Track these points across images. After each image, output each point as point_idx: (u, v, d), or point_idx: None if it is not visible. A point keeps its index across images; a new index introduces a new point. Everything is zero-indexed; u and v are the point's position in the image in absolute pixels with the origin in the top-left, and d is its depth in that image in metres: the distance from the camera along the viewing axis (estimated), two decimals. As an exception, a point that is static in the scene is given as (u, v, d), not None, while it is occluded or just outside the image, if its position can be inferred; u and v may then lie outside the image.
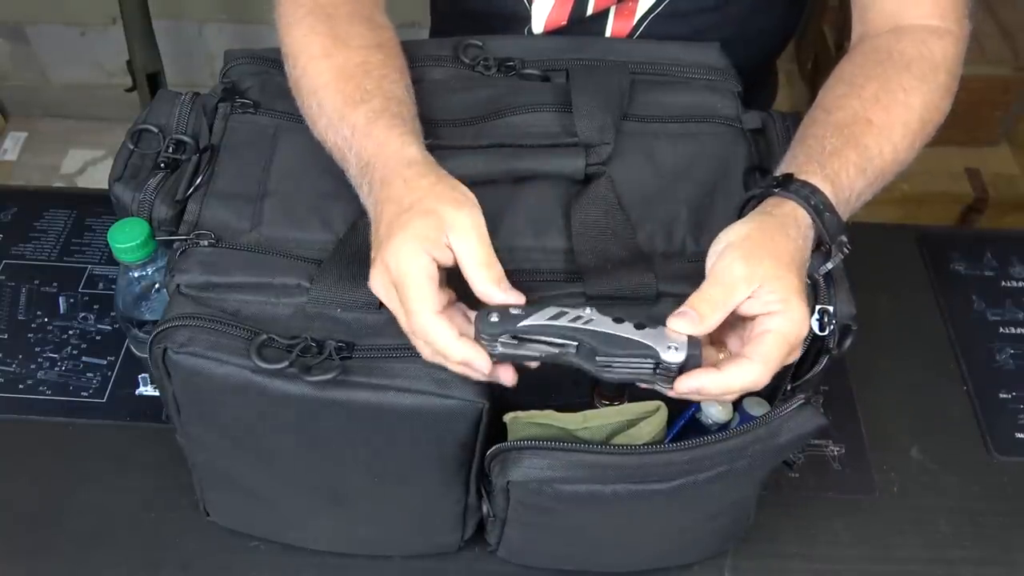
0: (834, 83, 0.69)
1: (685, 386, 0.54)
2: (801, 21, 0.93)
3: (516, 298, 0.55)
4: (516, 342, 0.54)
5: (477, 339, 0.54)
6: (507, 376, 0.57)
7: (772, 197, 0.60)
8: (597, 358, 0.53)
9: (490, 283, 0.54)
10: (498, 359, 0.55)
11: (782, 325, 0.54)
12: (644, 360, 0.53)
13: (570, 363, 0.54)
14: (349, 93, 0.63)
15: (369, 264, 0.60)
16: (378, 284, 0.56)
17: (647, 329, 0.54)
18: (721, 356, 0.58)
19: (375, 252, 0.56)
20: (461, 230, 0.54)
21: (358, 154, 0.60)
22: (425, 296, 0.53)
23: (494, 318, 0.54)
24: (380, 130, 0.60)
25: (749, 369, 0.54)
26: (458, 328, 0.54)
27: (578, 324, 0.54)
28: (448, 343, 0.54)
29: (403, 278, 0.54)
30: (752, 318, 0.56)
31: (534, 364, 0.56)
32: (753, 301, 0.55)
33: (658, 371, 0.54)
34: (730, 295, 0.54)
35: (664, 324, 0.54)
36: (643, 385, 0.57)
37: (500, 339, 0.54)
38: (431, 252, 0.54)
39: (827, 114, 0.65)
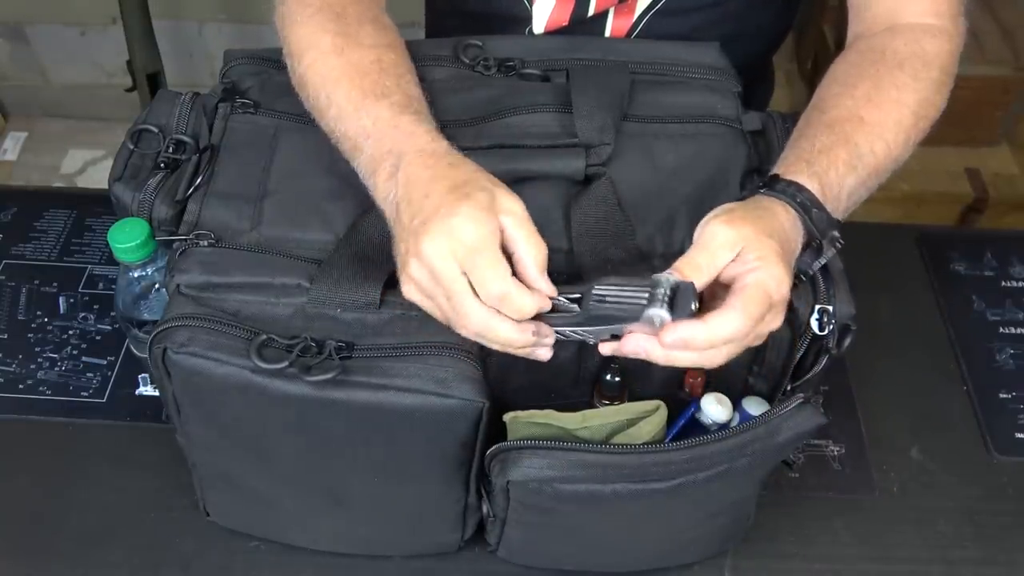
0: (828, 82, 0.70)
1: (672, 336, 0.53)
2: (797, 17, 0.93)
3: (550, 291, 0.56)
4: None
5: None
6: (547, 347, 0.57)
7: (758, 196, 0.61)
8: (593, 291, 0.55)
9: (538, 275, 0.56)
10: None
11: (760, 278, 0.55)
12: (639, 290, 0.54)
13: (573, 332, 0.55)
14: (368, 88, 0.63)
15: (369, 264, 0.60)
16: (438, 248, 0.54)
17: None
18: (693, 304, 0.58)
19: (420, 224, 0.55)
20: (516, 215, 0.56)
21: (378, 141, 0.60)
22: (501, 261, 0.54)
23: None
24: (407, 123, 0.60)
25: (731, 317, 0.54)
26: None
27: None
28: (525, 298, 0.54)
29: (479, 243, 0.54)
30: (732, 281, 0.56)
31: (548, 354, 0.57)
32: (734, 264, 0.56)
33: (651, 296, 0.54)
34: (714, 259, 0.55)
35: None
36: (632, 346, 0.56)
37: None
38: (494, 223, 0.55)
39: (820, 114, 0.66)
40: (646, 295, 0.54)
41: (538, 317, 0.56)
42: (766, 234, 0.56)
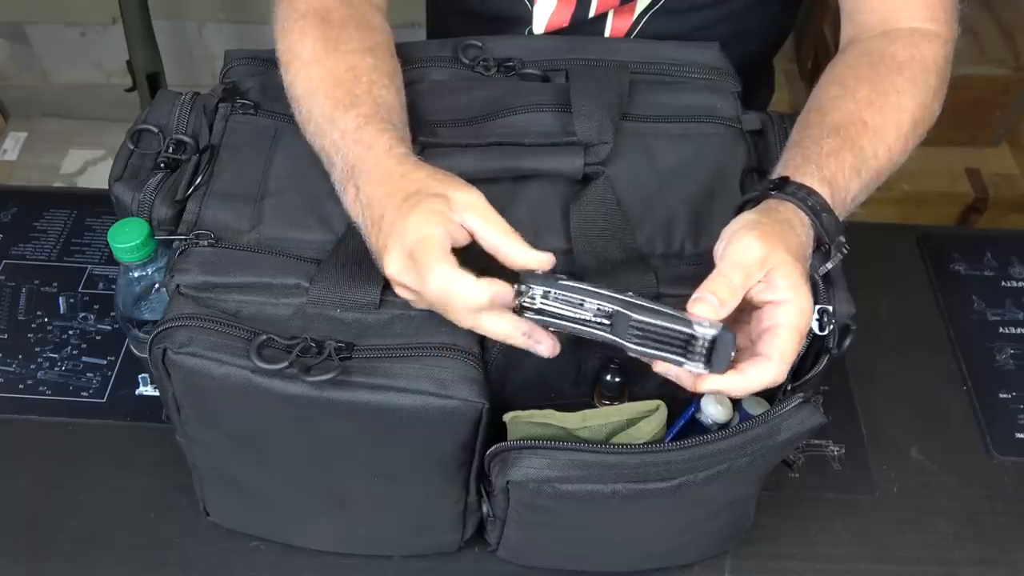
0: (826, 85, 0.69)
1: (707, 387, 0.54)
2: (797, 17, 0.93)
3: (548, 257, 0.55)
4: (556, 303, 0.54)
5: (515, 298, 0.54)
6: (547, 343, 0.56)
7: (769, 200, 0.60)
8: (631, 324, 0.54)
9: (519, 246, 0.55)
10: (535, 320, 0.55)
11: (791, 316, 0.54)
12: (678, 332, 0.53)
13: (602, 338, 0.55)
14: (339, 98, 0.63)
15: (368, 264, 0.60)
16: (396, 266, 0.55)
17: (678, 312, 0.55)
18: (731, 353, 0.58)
19: (384, 242, 0.56)
20: (473, 207, 0.55)
21: (345, 157, 0.60)
22: (441, 256, 0.53)
23: (539, 272, 0.54)
24: (369, 134, 0.60)
25: (769, 367, 0.54)
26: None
27: (617, 294, 0.54)
28: (470, 288, 0.53)
29: (419, 245, 0.53)
30: (758, 307, 0.56)
31: (551, 350, 0.56)
32: (763, 287, 0.55)
33: (689, 348, 0.54)
34: (747, 278, 0.55)
35: None
36: (664, 367, 0.56)
37: (540, 294, 0.54)
38: (445, 225, 0.54)
39: (822, 116, 0.66)
40: (684, 340, 0.53)
41: (563, 322, 0.55)
42: (793, 255, 0.56)
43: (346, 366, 0.57)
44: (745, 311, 0.57)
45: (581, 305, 0.54)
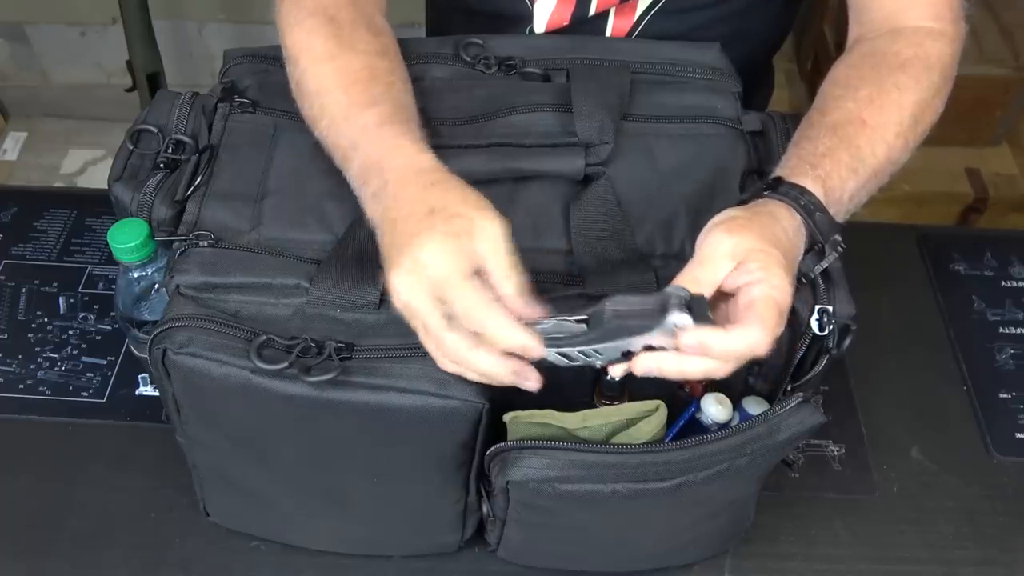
0: (829, 85, 0.70)
1: (691, 338, 0.53)
2: (797, 17, 0.93)
3: (537, 313, 0.55)
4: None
5: None
6: (534, 378, 0.56)
7: (761, 199, 0.61)
8: (608, 308, 0.54)
9: (516, 295, 0.54)
10: None
11: (765, 290, 0.54)
12: (653, 300, 0.54)
13: (583, 353, 0.55)
14: (356, 96, 0.63)
15: (368, 264, 0.60)
16: (405, 283, 0.54)
17: None
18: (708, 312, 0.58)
19: (395, 253, 0.55)
20: (491, 238, 0.54)
21: (365, 154, 0.60)
22: (475, 289, 0.53)
23: None
24: (391, 135, 0.60)
25: (751, 332, 0.54)
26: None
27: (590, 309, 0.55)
28: (509, 327, 0.53)
29: (448, 278, 0.53)
30: (734, 293, 0.56)
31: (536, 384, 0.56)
32: (736, 273, 0.55)
33: (671, 308, 0.54)
34: (715, 272, 0.55)
35: None
36: (645, 365, 0.56)
37: None
38: (464, 251, 0.53)
39: (822, 116, 0.66)
40: (661, 307, 0.54)
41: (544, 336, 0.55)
42: (769, 243, 0.56)
43: (346, 366, 0.57)
44: (720, 298, 0.57)
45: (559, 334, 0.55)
